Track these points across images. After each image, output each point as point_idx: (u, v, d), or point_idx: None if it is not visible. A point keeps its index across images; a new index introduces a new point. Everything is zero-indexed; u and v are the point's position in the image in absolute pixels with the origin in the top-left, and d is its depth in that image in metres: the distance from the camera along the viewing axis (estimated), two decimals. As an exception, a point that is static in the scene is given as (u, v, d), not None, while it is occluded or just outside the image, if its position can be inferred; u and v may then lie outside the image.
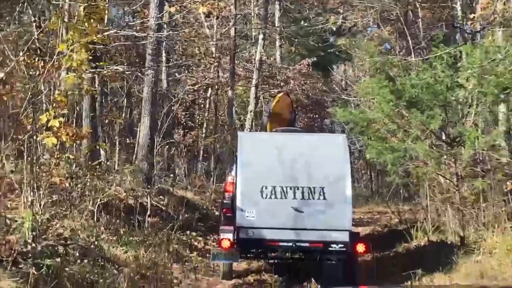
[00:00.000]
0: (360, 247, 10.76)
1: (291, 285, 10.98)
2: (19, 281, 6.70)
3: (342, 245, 10.62)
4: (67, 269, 7.84)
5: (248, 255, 11.59)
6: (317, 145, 11.49)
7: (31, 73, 8.38)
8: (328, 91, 32.23)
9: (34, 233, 7.84)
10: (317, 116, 35.39)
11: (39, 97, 8.24)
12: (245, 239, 10.72)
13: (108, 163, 17.81)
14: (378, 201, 27.39)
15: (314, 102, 33.15)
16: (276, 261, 12.09)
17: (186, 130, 27.73)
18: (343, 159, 11.03)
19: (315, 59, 31.18)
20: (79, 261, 8.30)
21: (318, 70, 32.86)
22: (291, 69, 30.99)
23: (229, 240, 10.71)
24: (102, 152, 17.82)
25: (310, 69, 31.06)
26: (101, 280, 8.16)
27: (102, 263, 8.89)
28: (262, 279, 11.63)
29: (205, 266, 12.29)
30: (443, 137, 13.98)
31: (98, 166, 13.96)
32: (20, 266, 7.16)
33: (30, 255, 7.48)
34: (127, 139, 22.49)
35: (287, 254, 11.09)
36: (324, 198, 10.67)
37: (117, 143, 20.83)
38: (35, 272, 7.02)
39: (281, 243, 10.75)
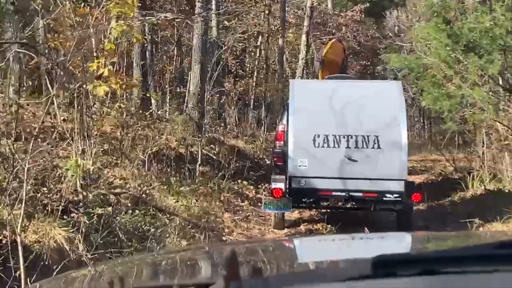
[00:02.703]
0: (415, 197, 10.53)
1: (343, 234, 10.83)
2: (70, 230, 6.66)
3: (397, 195, 10.38)
4: (118, 218, 7.81)
5: (300, 205, 11.45)
6: (372, 93, 11.18)
7: (78, 19, 8.26)
8: (380, 37, 31.69)
9: (84, 181, 7.81)
10: (369, 63, 34.99)
11: (85, 44, 8.12)
12: (297, 188, 10.56)
13: (159, 112, 17.80)
14: (431, 149, 26.97)
15: (366, 48, 32.75)
16: (328, 210, 11.96)
17: (237, 79, 27.57)
18: (398, 107, 10.71)
19: (367, 4, 30.64)
20: (130, 210, 8.27)
21: (371, 16, 32.32)
22: (343, 15, 30.52)
23: (280, 189, 10.57)
24: (152, 101, 17.80)
25: (363, 15, 30.58)
26: (153, 229, 8.13)
27: (153, 212, 8.86)
28: (314, 228, 11.50)
29: (256, 215, 12.21)
30: (502, 83, 13.54)
31: (149, 115, 13.93)
32: (71, 215, 7.14)
33: (81, 204, 7.45)
34: (178, 87, 22.44)
35: (340, 203, 10.94)
36: (379, 147, 10.40)
37: (167, 92, 20.81)
38: (86, 221, 6.98)
39: (334, 193, 10.58)
